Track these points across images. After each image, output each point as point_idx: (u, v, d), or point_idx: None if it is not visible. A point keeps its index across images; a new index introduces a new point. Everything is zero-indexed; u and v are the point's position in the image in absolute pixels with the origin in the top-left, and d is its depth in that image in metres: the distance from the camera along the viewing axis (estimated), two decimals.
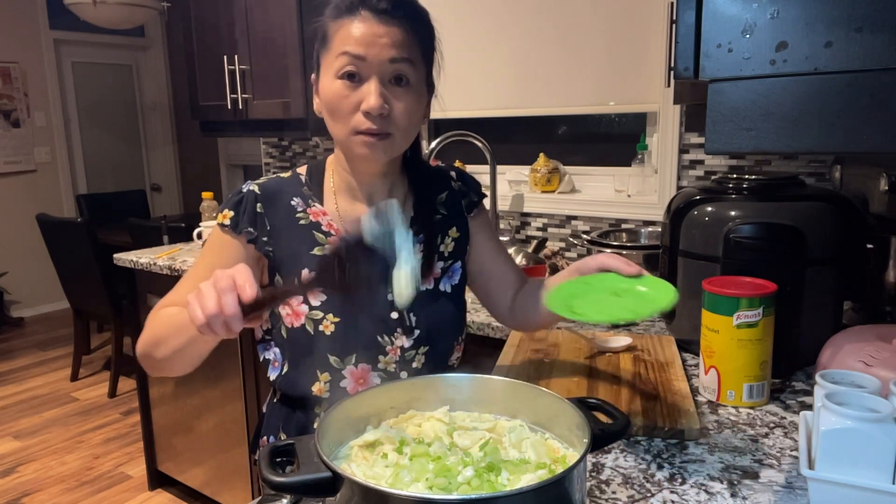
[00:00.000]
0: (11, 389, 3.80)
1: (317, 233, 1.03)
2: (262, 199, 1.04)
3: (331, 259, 0.73)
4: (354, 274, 0.72)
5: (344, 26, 0.93)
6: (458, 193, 1.16)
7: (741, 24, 0.64)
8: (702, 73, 0.67)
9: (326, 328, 0.99)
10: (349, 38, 0.92)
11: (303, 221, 1.04)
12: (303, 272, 1.01)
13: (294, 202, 1.05)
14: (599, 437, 0.68)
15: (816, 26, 0.60)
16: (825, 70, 0.61)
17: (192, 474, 2.51)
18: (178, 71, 5.81)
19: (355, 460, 0.72)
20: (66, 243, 3.54)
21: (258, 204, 1.03)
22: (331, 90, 0.95)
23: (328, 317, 1.00)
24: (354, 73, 0.93)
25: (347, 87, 0.94)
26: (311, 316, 1.00)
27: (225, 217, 1.03)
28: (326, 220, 1.04)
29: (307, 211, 1.04)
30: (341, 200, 1.06)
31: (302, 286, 0.86)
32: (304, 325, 1.00)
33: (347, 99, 0.94)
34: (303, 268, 1.01)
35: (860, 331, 1.08)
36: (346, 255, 0.72)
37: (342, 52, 0.93)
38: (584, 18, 2.11)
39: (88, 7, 3.23)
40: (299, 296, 0.94)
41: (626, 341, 1.34)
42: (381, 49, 0.92)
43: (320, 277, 0.75)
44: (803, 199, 1.23)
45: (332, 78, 0.95)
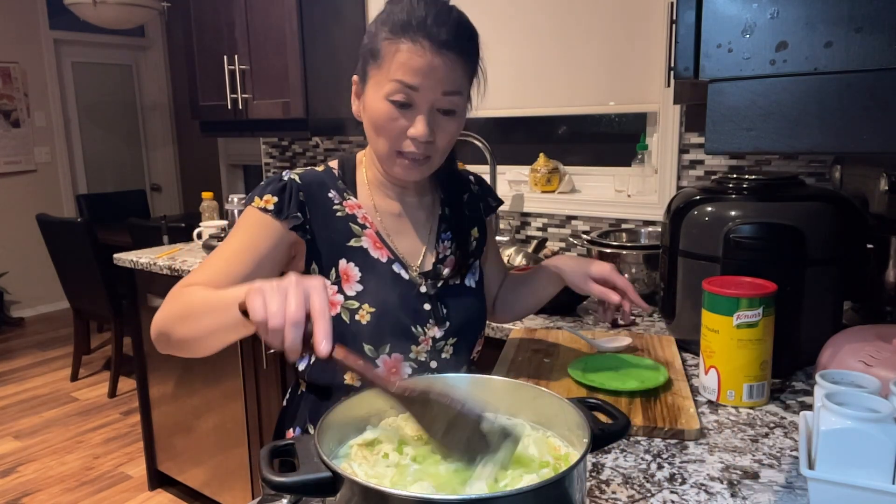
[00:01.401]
0: (11, 389, 3.80)
1: (353, 225, 1.05)
2: (304, 188, 1.03)
3: (426, 397, 0.69)
4: (441, 424, 0.69)
5: (400, 51, 0.92)
6: (477, 196, 1.21)
7: (741, 24, 0.64)
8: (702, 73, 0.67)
9: (362, 318, 1.01)
10: (404, 68, 0.92)
11: (339, 213, 1.05)
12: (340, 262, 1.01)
13: (331, 194, 1.05)
14: (599, 437, 0.68)
15: (816, 26, 0.60)
16: (825, 70, 0.61)
17: (192, 474, 2.51)
18: (178, 71, 5.81)
19: (355, 459, 0.72)
20: (66, 243, 3.54)
21: (300, 193, 1.02)
22: (378, 109, 0.96)
23: (364, 306, 1.01)
24: (406, 102, 0.94)
25: (396, 111, 0.95)
26: (347, 305, 1.01)
27: (268, 202, 0.99)
28: (361, 213, 1.06)
29: (343, 204, 1.06)
30: (376, 195, 1.09)
31: (379, 380, 0.72)
32: (339, 314, 1.01)
33: (395, 122, 0.96)
34: (340, 258, 1.03)
35: (860, 331, 1.08)
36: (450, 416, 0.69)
37: (396, 80, 0.93)
38: (584, 18, 2.11)
39: (88, 7, 3.23)
40: (370, 382, 0.76)
41: (626, 341, 1.34)
42: (435, 82, 0.93)
43: (405, 399, 0.70)
44: (803, 199, 1.23)
45: (382, 98, 0.95)
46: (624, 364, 1.22)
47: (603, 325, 1.57)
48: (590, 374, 1.18)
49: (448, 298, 1.09)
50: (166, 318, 0.93)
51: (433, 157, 1.00)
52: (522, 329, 1.50)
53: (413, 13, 0.92)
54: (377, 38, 0.95)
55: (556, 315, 1.67)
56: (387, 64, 0.94)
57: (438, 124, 0.97)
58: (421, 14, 0.92)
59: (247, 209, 1.01)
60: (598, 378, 1.16)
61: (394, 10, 0.95)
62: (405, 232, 1.09)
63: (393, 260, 1.05)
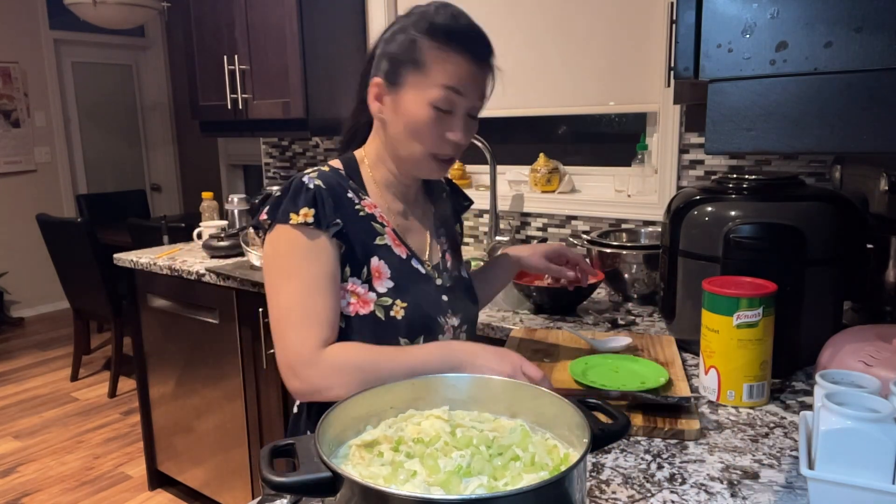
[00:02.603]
0: (11, 389, 3.80)
1: (374, 224, 1.07)
2: (328, 192, 1.02)
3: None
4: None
5: (448, 60, 0.99)
6: (450, 195, 1.30)
7: (741, 24, 0.64)
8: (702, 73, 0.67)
9: (397, 313, 1.04)
10: (455, 76, 0.99)
11: (361, 213, 1.06)
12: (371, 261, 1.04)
13: (349, 195, 1.06)
14: (599, 437, 0.68)
15: (816, 26, 0.60)
16: (825, 70, 0.61)
17: (192, 474, 2.51)
18: (178, 71, 5.81)
19: (352, 460, 0.72)
20: (66, 243, 3.54)
21: (330, 199, 1.01)
22: (421, 114, 1.00)
23: (397, 302, 1.04)
24: (451, 108, 1.01)
25: (440, 116, 1.00)
26: (381, 303, 1.03)
27: (307, 216, 0.98)
28: (378, 213, 1.08)
29: (362, 203, 1.07)
30: (386, 195, 1.11)
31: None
32: (373, 311, 1.03)
33: (437, 126, 1.01)
34: (371, 257, 1.04)
35: (860, 331, 1.08)
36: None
37: (446, 86, 0.99)
38: (585, 18, 2.11)
39: (88, 7, 3.23)
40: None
41: (626, 341, 1.34)
42: (476, 90, 1.02)
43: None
44: (803, 199, 1.23)
45: (425, 104, 1.00)
46: (624, 364, 1.23)
47: (603, 325, 1.57)
48: (590, 374, 1.18)
49: (458, 290, 1.16)
50: (344, 387, 0.95)
51: (455, 158, 1.09)
52: (522, 329, 1.50)
53: (457, 24, 1.00)
54: (419, 46, 0.99)
55: (556, 315, 1.67)
56: (433, 71, 0.99)
57: (468, 127, 1.05)
58: (464, 25, 1.01)
59: (285, 231, 0.99)
60: (599, 378, 1.16)
61: (432, 19, 1.00)
62: (413, 229, 1.14)
63: (411, 256, 1.09)
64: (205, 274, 2.18)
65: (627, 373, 1.19)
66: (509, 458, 0.69)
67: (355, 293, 1.03)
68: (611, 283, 1.79)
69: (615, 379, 1.16)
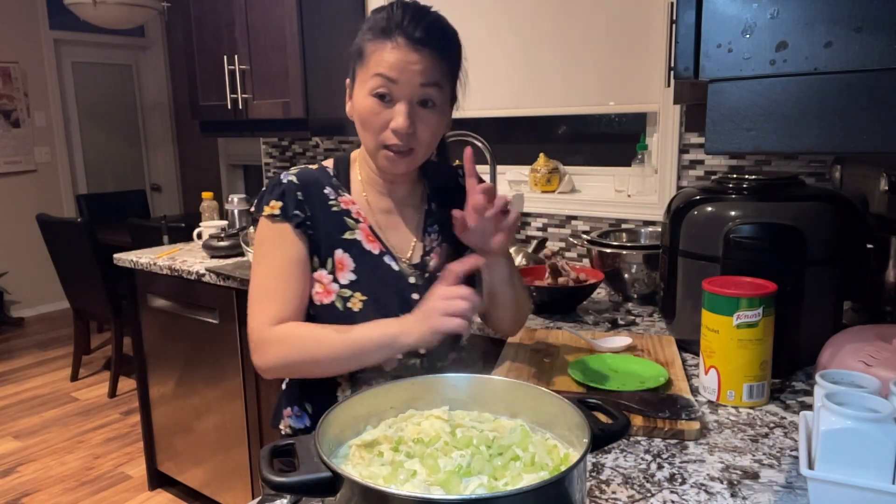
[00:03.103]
0: (11, 389, 3.80)
1: (347, 219, 1.11)
2: (300, 187, 1.10)
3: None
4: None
5: (379, 49, 1.01)
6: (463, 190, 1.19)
7: (741, 24, 0.64)
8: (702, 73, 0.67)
9: (354, 305, 1.08)
10: (383, 62, 1.01)
11: (335, 208, 1.12)
12: (336, 252, 1.09)
13: (326, 191, 1.12)
14: (599, 437, 0.68)
15: (816, 26, 0.60)
16: (825, 70, 0.61)
17: (192, 474, 2.51)
18: (178, 71, 5.81)
19: (352, 460, 0.72)
20: (66, 243, 3.54)
21: (298, 192, 1.09)
22: (363, 105, 1.04)
23: (356, 295, 1.08)
24: (386, 94, 1.02)
25: (379, 105, 1.02)
26: (341, 294, 1.08)
27: (274, 208, 1.08)
28: (355, 209, 1.13)
29: (338, 199, 1.12)
30: (368, 192, 1.15)
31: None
32: (333, 301, 1.08)
33: (378, 116, 1.03)
34: (336, 249, 1.09)
35: (860, 331, 1.08)
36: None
37: (376, 74, 1.01)
38: (584, 18, 2.11)
39: (88, 7, 3.23)
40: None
41: (627, 341, 1.34)
42: (412, 75, 1.01)
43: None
44: (803, 199, 1.23)
45: (366, 94, 1.03)
46: (624, 364, 1.23)
47: (603, 325, 1.57)
48: (590, 374, 1.18)
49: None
50: (286, 359, 1.05)
51: (417, 150, 1.06)
52: (522, 329, 1.49)
53: (392, 17, 1.02)
54: (362, 41, 1.05)
55: (556, 315, 1.67)
56: (369, 62, 1.03)
57: (419, 116, 1.04)
58: (399, 17, 1.01)
59: (261, 221, 1.10)
60: (598, 378, 1.16)
61: (376, 17, 1.05)
62: (396, 226, 1.15)
63: (385, 252, 1.12)
64: (205, 274, 2.18)
65: (627, 373, 1.19)
66: (509, 458, 0.69)
67: (321, 282, 1.09)
68: (611, 283, 1.79)
69: (615, 379, 1.16)
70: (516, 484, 0.65)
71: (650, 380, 1.14)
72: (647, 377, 1.16)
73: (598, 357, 1.26)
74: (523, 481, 0.65)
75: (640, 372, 1.19)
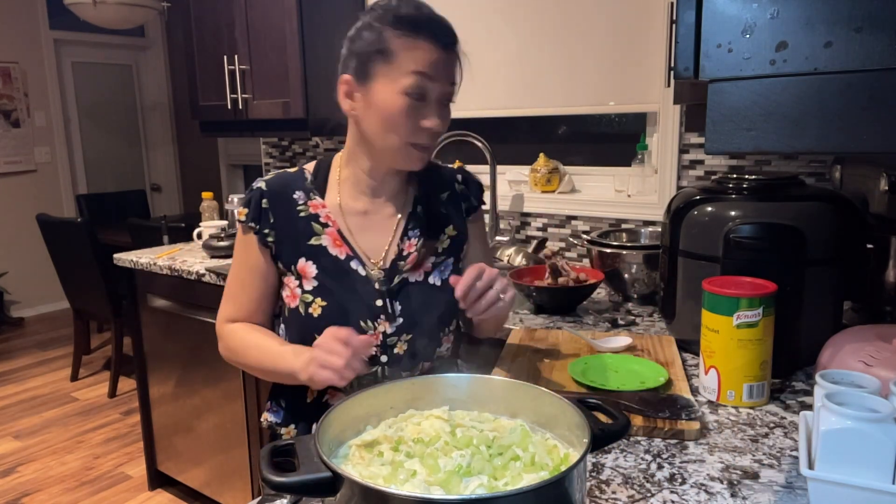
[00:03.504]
0: (11, 389, 3.80)
1: (314, 224, 1.11)
2: (268, 194, 1.11)
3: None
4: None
5: (415, 47, 1.00)
6: (459, 195, 1.22)
7: (741, 24, 0.64)
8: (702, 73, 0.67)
9: (314, 311, 1.08)
10: (423, 61, 1.00)
11: (302, 213, 1.11)
12: (299, 261, 1.09)
13: (296, 195, 1.12)
14: (599, 437, 0.68)
15: (816, 26, 0.60)
16: (825, 70, 0.61)
17: (192, 474, 2.51)
18: (178, 71, 5.81)
19: (352, 460, 0.72)
20: (66, 243, 3.54)
21: (263, 200, 1.11)
22: (395, 104, 1.01)
23: (316, 300, 1.08)
24: (424, 93, 1.02)
25: (413, 104, 1.02)
26: (304, 299, 1.09)
27: (241, 214, 1.12)
28: (325, 213, 1.12)
29: (307, 203, 1.12)
30: (344, 194, 1.14)
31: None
32: (297, 306, 1.10)
33: (411, 115, 1.02)
34: (300, 257, 1.10)
35: (860, 331, 1.08)
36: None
37: (415, 72, 1.00)
38: (584, 18, 2.11)
39: (88, 7, 3.23)
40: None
41: (627, 341, 1.34)
42: (446, 76, 1.03)
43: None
44: (803, 199, 1.23)
45: (398, 93, 1.01)
46: (624, 364, 1.23)
47: (603, 325, 1.57)
48: (590, 374, 1.18)
49: (406, 296, 1.11)
50: (229, 356, 1.16)
51: (432, 147, 1.09)
52: (522, 329, 1.50)
53: (420, 14, 1.02)
54: (386, 38, 1.01)
55: (556, 315, 1.67)
56: (402, 59, 1.00)
57: (442, 115, 1.05)
58: (428, 14, 1.02)
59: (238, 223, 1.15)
60: (598, 378, 1.16)
61: (396, 11, 1.01)
62: (370, 229, 1.13)
63: (352, 257, 1.10)
64: (205, 274, 2.18)
65: (627, 373, 1.19)
66: (509, 457, 0.70)
67: (289, 287, 1.11)
68: (611, 283, 1.79)
69: (615, 379, 1.16)
70: (516, 484, 0.65)
71: (650, 380, 1.14)
72: (647, 377, 1.16)
73: (598, 357, 1.26)
74: (523, 481, 0.65)
75: (640, 372, 1.19)
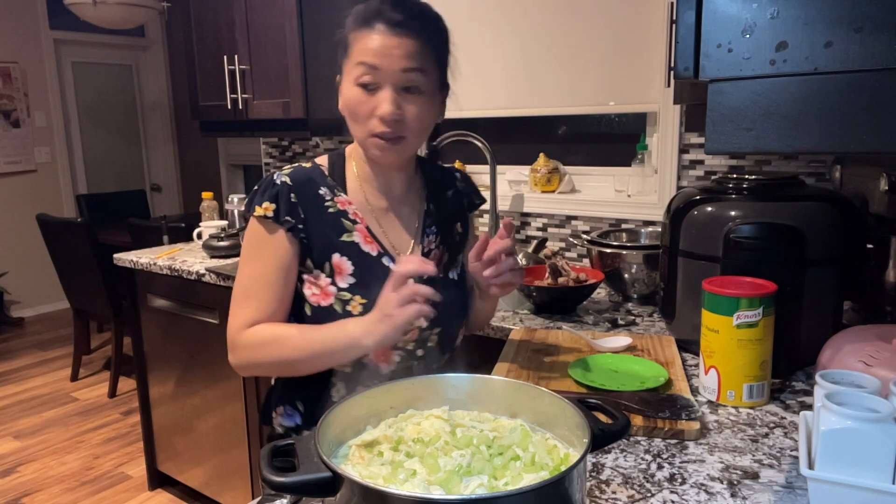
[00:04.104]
0: (11, 389, 3.80)
1: (344, 220, 1.10)
2: (294, 189, 1.08)
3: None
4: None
5: (362, 37, 1.01)
6: (461, 193, 1.25)
7: (741, 24, 0.64)
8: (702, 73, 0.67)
9: (354, 308, 1.06)
10: (366, 50, 1.01)
11: (331, 210, 1.10)
12: (333, 257, 1.07)
13: (322, 191, 1.11)
14: (599, 437, 0.68)
15: (816, 26, 0.60)
16: (825, 70, 0.61)
17: (192, 474, 2.51)
18: (178, 71, 5.81)
19: (352, 460, 0.72)
20: (66, 243, 3.54)
21: (292, 194, 1.08)
22: (349, 96, 1.04)
23: (356, 298, 1.07)
24: (370, 82, 1.01)
25: (364, 93, 1.02)
26: (340, 297, 1.07)
27: (268, 209, 1.06)
28: (352, 209, 1.11)
29: (334, 200, 1.11)
30: (366, 190, 1.13)
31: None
32: (332, 304, 1.07)
33: (364, 105, 1.02)
34: (333, 253, 1.08)
35: (860, 331, 1.08)
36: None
37: (359, 62, 1.01)
38: (585, 18, 2.11)
39: (88, 7, 3.23)
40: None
41: (626, 341, 1.34)
42: (394, 60, 1.00)
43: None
44: (803, 199, 1.23)
45: (351, 84, 1.03)
46: (624, 364, 1.23)
47: (603, 325, 1.57)
48: (590, 374, 1.18)
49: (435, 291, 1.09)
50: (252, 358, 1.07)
51: (407, 138, 1.05)
52: (522, 329, 1.50)
53: (371, 6, 1.02)
54: (346, 33, 1.05)
55: (556, 315, 1.67)
56: (354, 52, 1.03)
57: (405, 102, 1.02)
58: (378, 5, 1.02)
59: (252, 222, 1.09)
60: (598, 378, 1.16)
61: (358, 7, 1.04)
62: (394, 226, 1.14)
63: (383, 254, 1.10)
64: (205, 274, 2.18)
65: (627, 373, 1.19)
66: (509, 457, 0.69)
67: (318, 285, 1.08)
68: (611, 283, 1.79)
69: (615, 379, 1.16)
70: (516, 484, 0.65)
71: (650, 380, 1.14)
72: (647, 377, 1.16)
73: (598, 357, 1.26)
74: (523, 481, 0.65)
75: (640, 372, 1.19)
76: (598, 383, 1.13)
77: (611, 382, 1.14)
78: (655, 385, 1.11)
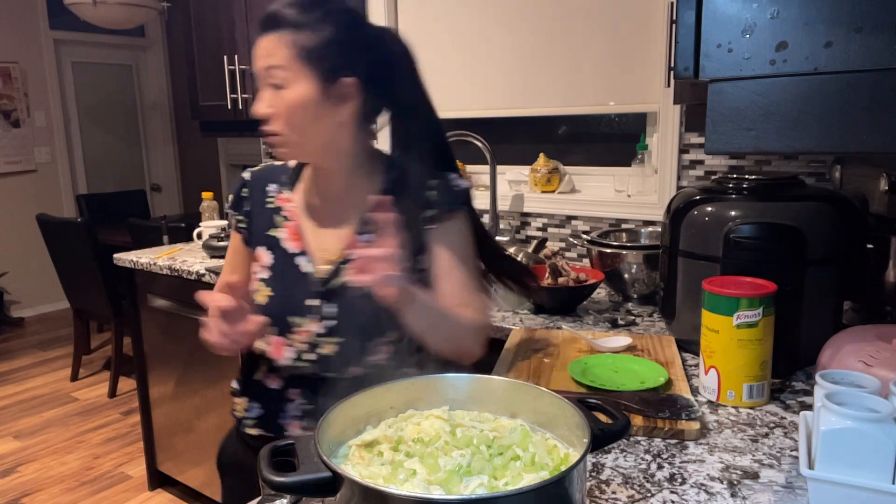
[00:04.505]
0: (11, 389, 3.80)
1: (276, 216, 1.15)
2: (249, 183, 1.18)
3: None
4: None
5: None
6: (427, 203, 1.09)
7: (741, 24, 0.64)
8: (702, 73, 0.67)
9: (261, 298, 1.13)
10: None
11: (270, 205, 1.16)
12: (259, 248, 1.14)
13: (270, 187, 1.17)
14: (599, 437, 0.68)
15: (816, 26, 0.60)
16: (825, 70, 0.61)
17: (192, 474, 2.51)
18: (178, 71, 5.81)
19: (352, 460, 0.72)
20: (66, 243, 3.54)
21: (244, 189, 1.18)
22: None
23: (265, 290, 1.13)
24: (257, 83, 1.05)
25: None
26: (258, 286, 1.14)
27: (229, 200, 1.21)
28: (290, 207, 1.15)
29: (276, 197, 1.16)
30: (307, 190, 1.16)
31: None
32: (256, 292, 1.15)
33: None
34: (260, 245, 1.15)
35: (860, 331, 1.08)
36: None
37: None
38: (584, 18, 2.11)
39: (88, 7, 3.23)
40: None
41: (626, 341, 1.34)
42: (258, 60, 1.03)
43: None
44: (803, 199, 1.23)
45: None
46: (624, 364, 1.23)
47: (603, 325, 1.57)
48: (590, 374, 1.18)
49: (343, 300, 1.06)
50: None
51: (286, 136, 1.02)
52: (522, 329, 1.50)
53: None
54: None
55: (556, 315, 1.67)
56: None
57: (276, 99, 1.02)
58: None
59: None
60: (598, 378, 1.16)
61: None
62: (327, 228, 1.12)
63: (299, 254, 1.12)
64: (205, 274, 2.18)
65: (627, 373, 1.19)
66: (509, 457, 0.69)
67: (254, 272, 1.16)
68: (611, 283, 1.79)
69: (615, 379, 1.16)
70: (516, 484, 0.65)
71: (650, 380, 1.14)
72: (647, 377, 1.16)
73: (598, 357, 1.26)
74: (524, 481, 0.65)
75: (640, 372, 1.19)
76: (598, 383, 1.13)
77: (611, 382, 1.14)
78: (655, 385, 1.11)
